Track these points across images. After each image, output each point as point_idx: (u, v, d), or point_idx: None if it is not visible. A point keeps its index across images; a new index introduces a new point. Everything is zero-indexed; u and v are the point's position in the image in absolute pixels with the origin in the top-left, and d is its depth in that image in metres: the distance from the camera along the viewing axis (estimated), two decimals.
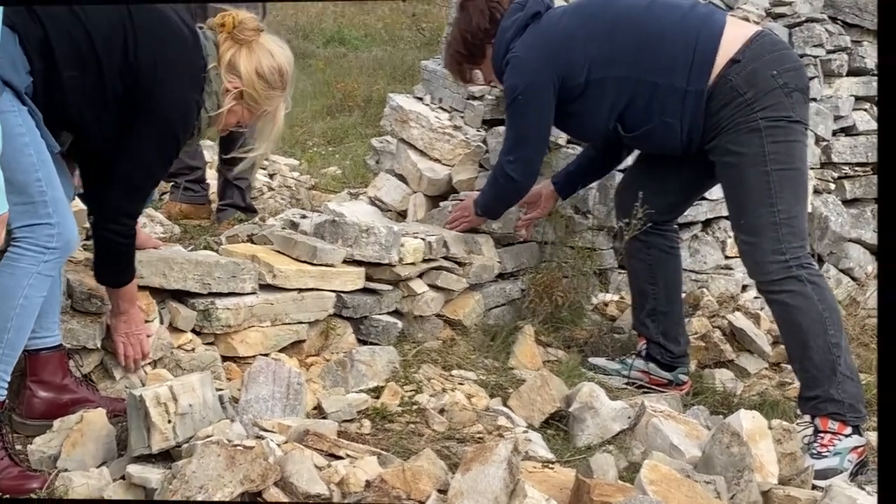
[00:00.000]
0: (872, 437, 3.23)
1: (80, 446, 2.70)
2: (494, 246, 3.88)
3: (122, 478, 2.58)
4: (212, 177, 4.74)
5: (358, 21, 9.68)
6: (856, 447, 3.18)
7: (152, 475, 2.52)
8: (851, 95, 5.08)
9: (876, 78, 5.07)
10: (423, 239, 3.62)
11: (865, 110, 5.16)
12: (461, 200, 3.92)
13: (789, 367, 3.65)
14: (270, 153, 4.04)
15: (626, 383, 3.68)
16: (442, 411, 3.06)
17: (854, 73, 5.12)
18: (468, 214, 3.84)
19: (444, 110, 4.20)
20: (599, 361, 3.77)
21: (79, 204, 3.09)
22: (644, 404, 3.20)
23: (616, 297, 4.23)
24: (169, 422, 2.57)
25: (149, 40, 2.83)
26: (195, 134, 2.99)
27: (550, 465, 2.85)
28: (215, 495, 2.37)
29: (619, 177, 3.99)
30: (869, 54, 5.07)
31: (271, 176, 5.61)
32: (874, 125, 5.08)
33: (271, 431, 2.66)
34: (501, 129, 3.92)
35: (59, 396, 2.89)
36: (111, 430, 2.73)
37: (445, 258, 3.69)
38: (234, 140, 3.93)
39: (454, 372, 3.39)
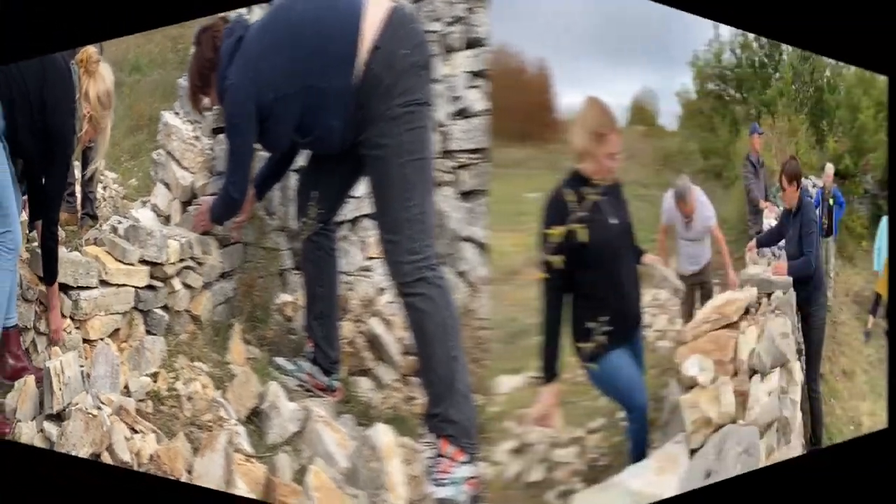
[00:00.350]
0: (486, 468, 2.85)
1: (24, 403, 3.13)
2: (218, 247, 4.07)
3: (41, 430, 3.06)
4: (77, 191, 5.37)
5: (145, 50, 10.35)
6: (471, 478, 2.90)
7: (54, 430, 3.01)
8: (466, 72, 4.60)
9: (487, 49, 4.38)
10: (178, 241, 3.83)
11: (478, 87, 4.63)
12: (200, 205, 4.00)
13: (416, 378, 3.43)
14: (104, 168, 4.43)
15: (298, 385, 3.71)
16: (189, 398, 3.34)
17: (469, 45, 4.61)
18: (204, 218, 3.91)
19: (191, 122, 4.35)
20: (281, 361, 3.80)
21: (23, 216, 3.65)
22: (309, 408, 3.24)
23: (292, 298, 4.24)
24: (60, 389, 3.04)
25: (50, 82, 3.26)
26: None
27: (251, 459, 2.96)
28: (80, 452, 2.92)
29: (294, 177, 4.01)
30: (483, 22, 4.50)
31: (104, 188, 6.31)
32: (487, 104, 4.49)
33: (105, 404, 3.10)
34: (222, 136, 4.06)
35: (17, 363, 3.35)
36: (37, 392, 3.15)
37: (192, 258, 3.92)
38: (87, 158, 4.56)
39: (195, 363, 3.63)
